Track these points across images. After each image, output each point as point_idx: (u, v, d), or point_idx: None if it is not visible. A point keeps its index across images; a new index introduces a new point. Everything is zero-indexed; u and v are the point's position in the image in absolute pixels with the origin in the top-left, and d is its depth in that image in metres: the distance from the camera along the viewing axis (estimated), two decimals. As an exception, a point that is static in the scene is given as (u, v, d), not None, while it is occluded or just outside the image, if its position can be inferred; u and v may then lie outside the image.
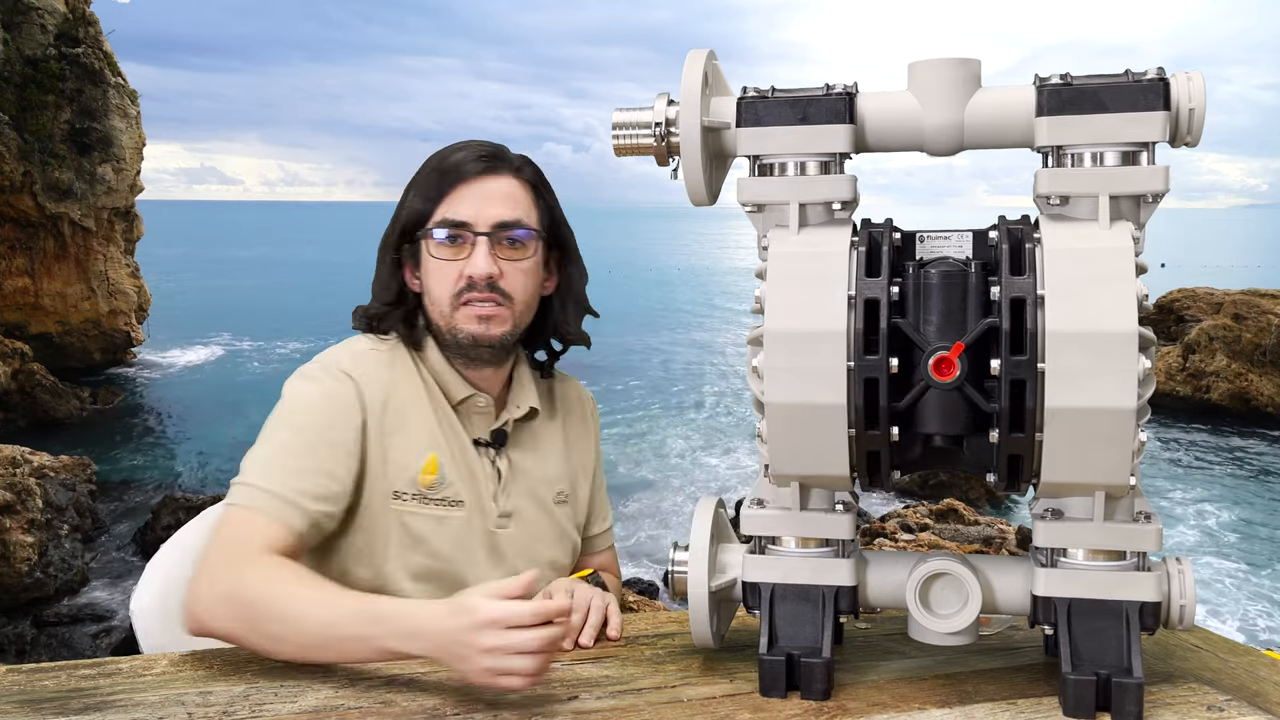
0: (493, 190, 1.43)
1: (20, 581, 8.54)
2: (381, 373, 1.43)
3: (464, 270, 1.41)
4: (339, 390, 1.39)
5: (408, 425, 1.43)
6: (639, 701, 1.13)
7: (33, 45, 16.57)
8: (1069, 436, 1.02)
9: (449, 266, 1.41)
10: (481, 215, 1.41)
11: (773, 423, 1.09)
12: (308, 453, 1.34)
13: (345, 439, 1.37)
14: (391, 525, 1.41)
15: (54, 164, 16.65)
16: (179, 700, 1.14)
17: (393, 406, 1.43)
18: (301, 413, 1.37)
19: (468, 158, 1.43)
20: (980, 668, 1.22)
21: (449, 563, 1.43)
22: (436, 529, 1.42)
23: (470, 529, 1.45)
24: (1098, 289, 1.01)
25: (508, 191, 1.44)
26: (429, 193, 1.43)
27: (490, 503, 1.47)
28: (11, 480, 8.96)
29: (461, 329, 1.42)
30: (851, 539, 1.16)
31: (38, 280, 17.31)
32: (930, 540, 7.96)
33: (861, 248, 1.08)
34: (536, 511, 1.51)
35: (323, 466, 1.34)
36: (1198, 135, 1.06)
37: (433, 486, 1.42)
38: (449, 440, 1.45)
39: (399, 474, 1.41)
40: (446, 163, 1.44)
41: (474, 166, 1.43)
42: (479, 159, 1.43)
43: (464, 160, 1.43)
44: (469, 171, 1.42)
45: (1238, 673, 1.23)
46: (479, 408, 1.48)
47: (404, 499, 1.41)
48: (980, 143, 1.12)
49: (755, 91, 1.14)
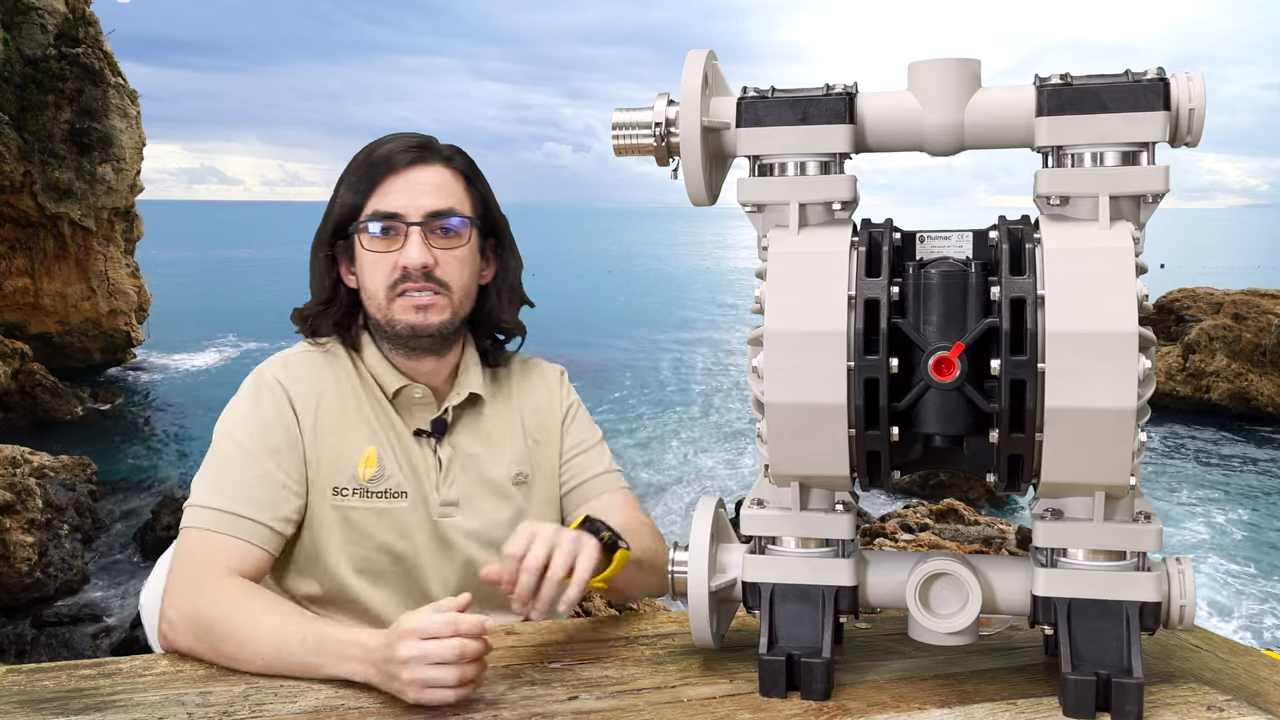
0: (424, 180, 1.43)
1: (20, 581, 8.54)
2: (312, 374, 1.47)
3: (398, 261, 1.40)
4: (270, 400, 1.43)
5: (343, 422, 1.45)
6: (639, 701, 1.13)
7: (33, 45, 16.57)
8: (1069, 437, 1.02)
9: (383, 259, 1.41)
10: (413, 205, 1.41)
11: (773, 423, 1.09)
12: (251, 464, 1.39)
13: (284, 444, 1.41)
14: (334, 521, 1.43)
15: (54, 164, 16.65)
16: (179, 700, 1.14)
17: (326, 406, 1.45)
18: (240, 427, 1.41)
19: (397, 149, 1.43)
20: (980, 668, 1.22)
21: (395, 555, 1.45)
22: (379, 521, 1.44)
23: (414, 519, 1.46)
24: (1098, 289, 1.01)
25: (439, 181, 1.44)
26: (359, 185, 1.43)
27: (433, 492, 1.47)
28: (11, 480, 8.96)
29: (399, 319, 1.42)
30: (851, 539, 1.16)
31: (38, 280, 17.32)
32: (930, 540, 7.96)
33: (861, 248, 1.08)
34: (490, 498, 1.51)
35: (268, 475, 1.39)
36: (1198, 135, 1.06)
37: (373, 480, 1.44)
38: (386, 433, 1.47)
39: (337, 470, 1.43)
40: (375, 155, 1.43)
41: (403, 157, 1.42)
42: (408, 149, 1.43)
43: (393, 151, 1.43)
44: (399, 162, 1.42)
45: (1238, 673, 1.23)
46: (416, 399, 1.48)
47: (344, 494, 1.43)
48: (980, 143, 1.12)
49: (755, 91, 1.14)
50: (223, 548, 1.34)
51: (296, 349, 1.51)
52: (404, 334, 1.43)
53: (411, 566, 1.46)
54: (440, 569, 1.48)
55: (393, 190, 1.41)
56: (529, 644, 1.31)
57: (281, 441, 1.41)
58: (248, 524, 1.36)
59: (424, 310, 1.42)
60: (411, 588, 1.47)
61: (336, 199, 1.45)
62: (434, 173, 1.44)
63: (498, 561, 1.47)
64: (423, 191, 1.42)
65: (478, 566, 1.48)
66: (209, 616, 1.25)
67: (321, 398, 1.45)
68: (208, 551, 1.34)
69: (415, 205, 1.41)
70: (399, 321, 1.42)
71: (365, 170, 1.43)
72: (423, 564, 1.46)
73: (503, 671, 1.21)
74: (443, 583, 1.48)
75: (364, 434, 1.45)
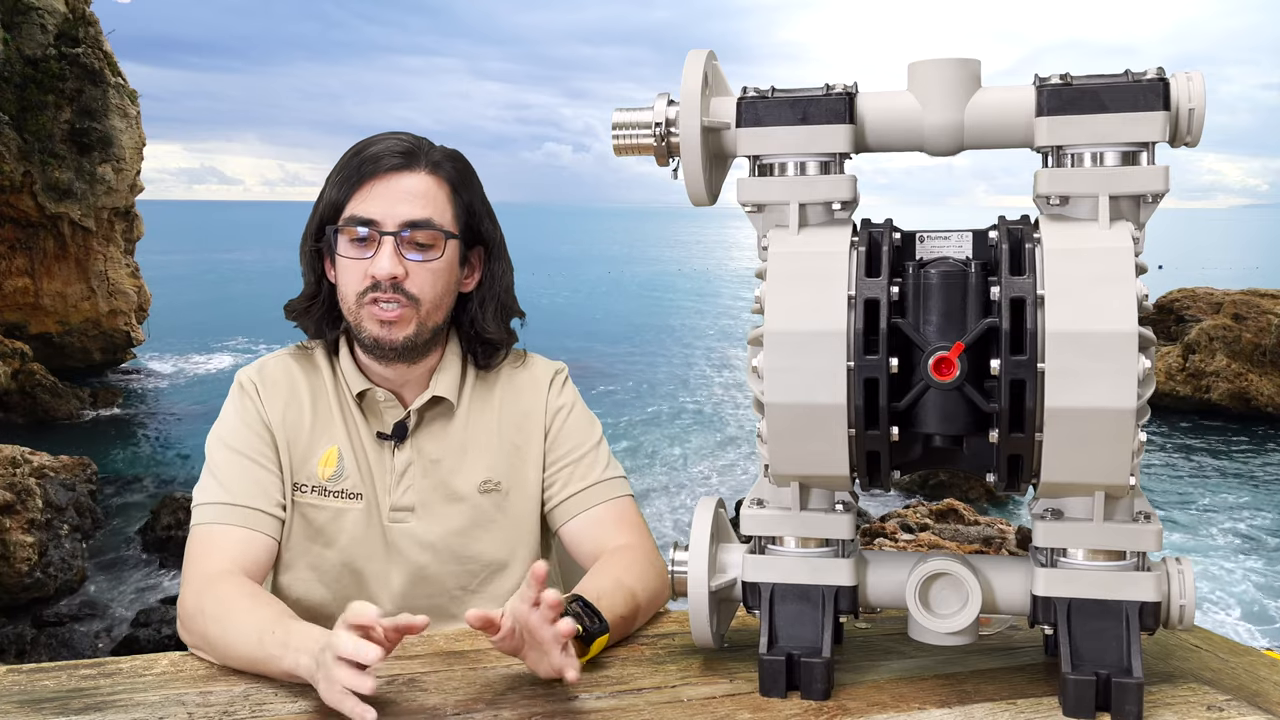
0: (404, 187, 1.40)
1: (20, 581, 8.54)
2: (284, 376, 1.49)
3: (368, 270, 1.40)
4: (245, 402, 1.48)
5: (312, 420, 1.47)
6: (639, 701, 1.13)
7: (33, 45, 16.56)
8: (1069, 436, 1.02)
9: (355, 265, 1.41)
10: (390, 214, 1.39)
11: (773, 423, 1.09)
12: (240, 460, 1.44)
13: (263, 440, 1.45)
14: (295, 518, 1.46)
15: (54, 164, 16.64)
16: (179, 700, 1.14)
17: (296, 404, 1.48)
18: (227, 432, 1.47)
19: (385, 151, 1.42)
20: (980, 668, 1.22)
21: (346, 556, 1.46)
22: (334, 521, 1.46)
23: (366, 522, 1.47)
24: (1098, 289, 1.01)
25: (420, 189, 1.41)
26: (343, 184, 1.42)
27: (385, 496, 1.47)
28: (11, 480, 8.96)
29: (365, 328, 1.42)
30: (851, 539, 1.16)
31: (38, 280, 17.31)
32: (930, 540, 7.96)
33: (861, 248, 1.08)
34: (451, 505, 1.48)
35: (257, 467, 1.44)
36: (1198, 135, 1.06)
37: (331, 479, 1.46)
38: (351, 434, 1.48)
39: (300, 467, 1.46)
40: (365, 153, 1.42)
41: (389, 161, 1.41)
42: (395, 154, 1.41)
43: (381, 153, 1.41)
44: (383, 166, 1.40)
45: (1238, 673, 1.23)
46: (379, 401, 1.48)
47: (304, 491, 1.46)
48: (980, 143, 1.12)
49: (755, 91, 1.14)
50: (226, 539, 1.39)
51: (277, 353, 1.54)
52: (368, 343, 1.43)
53: (359, 570, 1.47)
54: (388, 576, 1.47)
55: (372, 195, 1.40)
56: (529, 644, 1.31)
57: (260, 438, 1.45)
58: (245, 511, 1.40)
59: (389, 325, 1.40)
60: (359, 592, 1.47)
61: (325, 190, 1.45)
62: (417, 180, 1.41)
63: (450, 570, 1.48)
64: (401, 199, 1.40)
65: (427, 575, 1.48)
66: (206, 618, 1.27)
67: (292, 396, 1.48)
68: (213, 545, 1.38)
69: (392, 214, 1.39)
70: (365, 330, 1.42)
71: (354, 166, 1.42)
72: (369, 569, 1.47)
73: (503, 671, 1.21)
74: (389, 591, 1.47)
75: (330, 434, 1.47)
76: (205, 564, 1.36)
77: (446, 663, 1.24)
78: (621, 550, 1.45)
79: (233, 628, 1.23)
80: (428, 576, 1.48)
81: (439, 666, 1.23)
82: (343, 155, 1.45)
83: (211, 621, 1.26)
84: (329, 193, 1.43)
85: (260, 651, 1.18)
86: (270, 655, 1.17)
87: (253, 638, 1.20)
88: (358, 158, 1.42)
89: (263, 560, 1.40)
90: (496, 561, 1.50)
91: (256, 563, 1.39)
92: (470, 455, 1.50)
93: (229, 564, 1.36)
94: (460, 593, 1.50)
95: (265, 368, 1.51)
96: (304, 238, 1.48)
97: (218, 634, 1.24)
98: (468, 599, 1.49)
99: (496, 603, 1.43)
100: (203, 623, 1.27)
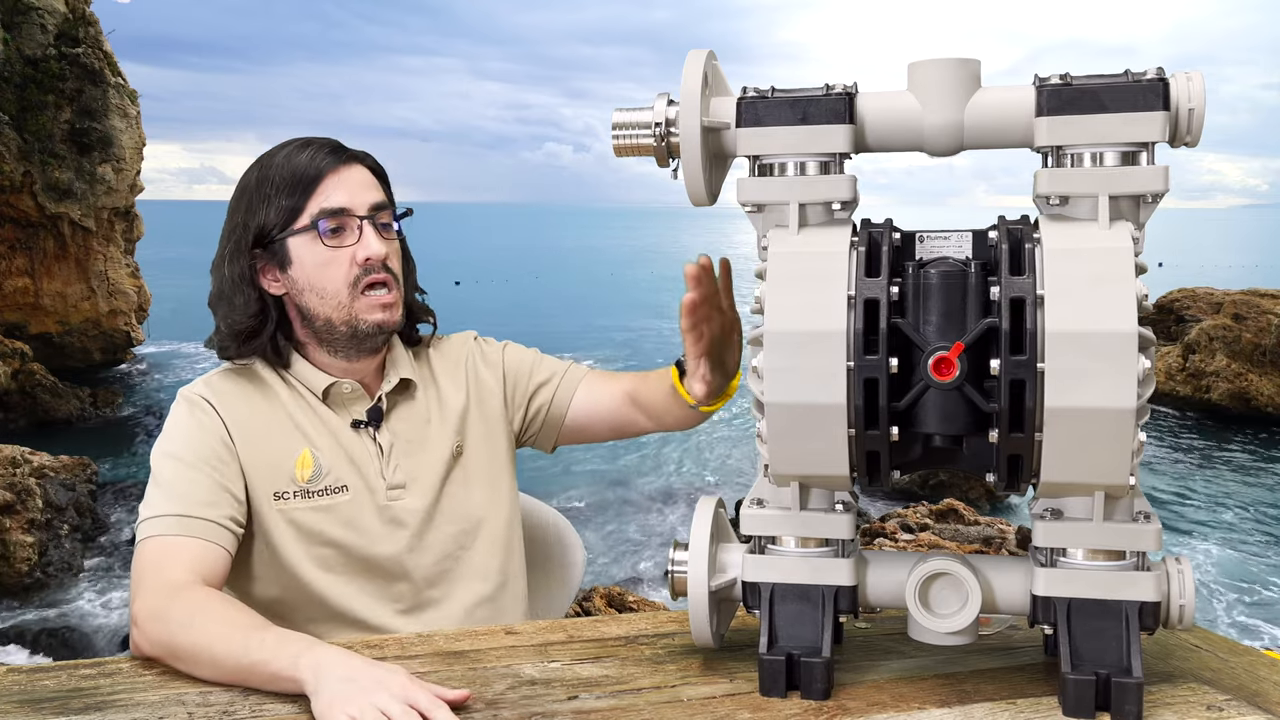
0: (356, 178, 1.46)
1: (20, 582, 8.54)
2: (235, 389, 1.49)
3: (357, 255, 1.42)
4: (198, 413, 1.46)
5: (274, 429, 1.47)
6: (639, 701, 1.13)
7: (33, 45, 16.57)
8: (1069, 436, 1.02)
9: (339, 255, 1.42)
10: (358, 200, 1.44)
11: (772, 423, 1.09)
12: (192, 472, 1.41)
13: (219, 453, 1.43)
14: (282, 525, 1.45)
15: (54, 164, 16.65)
16: (179, 700, 1.14)
17: (253, 416, 1.47)
18: (176, 443, 1.44)
19: (319, 152, 1.45)
20: (980, 668, 1.22)
21: (349, 546, 1.47)
22: (326, 518, 1.46)
23: (360, 509, 1.48)
24: (1097, 289, 1.01)
25: (366, 178, 1.48)
26: (293, 191, 1.42)
27: (378, 478, 1.49)
28: (11, 480, 8.96)
29: (364, 319, 1.44)
30: (851, 539, 1.16)
31: (38, 280, 17.31)
32: (930, 540, 7.96)
33: (861, 248, 1.08)
34: (439, 474, 1.54)
35: (210, 479, 1.41)
36: (1197, 135, 1.06)
37: (311, 480, 1.47)
38: (319, 432, 1.49)
39: (275, 475, 1.45)
40: (297, 161, 1.44)
41: (331, 160, 1.45)
42: (331, 152, 1.45)
43: (317, 155, 1.44)
44: (330, 164, 1.44)
45: (1238, 673, 1.23)
46: (346, 393, 1.50)
47: (286, 498, 1.45)
48: (980, 143, 1.12)
49: (755, 91, 1.14)
50: (180, 550, 1.35)
51: (216, 371, 1.52)
52: (369, 332, 1.45)
53: (366, 555, 1.48)
54: (396, 551, 1.50)
55: (331, 189, 1.43)
56: (528, 644, 1.31)
57: (215, 451, 1.43)
58: (200, 523, 1.37)
59: (389, 308, 1.46)
60: (372, 574, 1.49)
61: (254, 209, 1.44)
62: (358, 170, 1.47)
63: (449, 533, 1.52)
64: (359, 187, 1.45)
65: (433, 542, 1.52)
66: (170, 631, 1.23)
67: (249, 408, 1.47)
68: (169, 556, 1.34)
69: (360, 200, 1.44)
70: (364, 320, 1.44)
71: (294, 178, 1.43)
72: (377, 550, 1.49)
73: (502, 671, 1.21)
74: (399, 564, 1.50)
75: (296, 438, 1.48)
76: (165, 573, 1.32)
77: (446, 663, 1.24)
78: (633, 375, 1.62)
79: (209, 634, 1.19)
80: (432, 544, 1.52)
81: (439, 666, 1.23)
82: (262, 175, 1.45)
83: (179, 628, 1.22)
84: (273, 206, 1.43)
85: (245, 658, 1.16)
86: (257, 661, 1.15)
87: (236, 643, 1.17)
88: (294, 166, 1.43)
89: (219, 572, 1.37)
90: (481, 517, 1.57)
91: (214, 574, 1.35)
92: (434, 426, 1.56)
93: (189, 574, 1.32)
94: (460, 552, 1.55)
95: (214, 383, 1.49)
96: (229, 263, 1.46)
97: (187, 641, 1.20)
98: (465, 556, 1.55)
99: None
100: (167, 629, 1.23)
